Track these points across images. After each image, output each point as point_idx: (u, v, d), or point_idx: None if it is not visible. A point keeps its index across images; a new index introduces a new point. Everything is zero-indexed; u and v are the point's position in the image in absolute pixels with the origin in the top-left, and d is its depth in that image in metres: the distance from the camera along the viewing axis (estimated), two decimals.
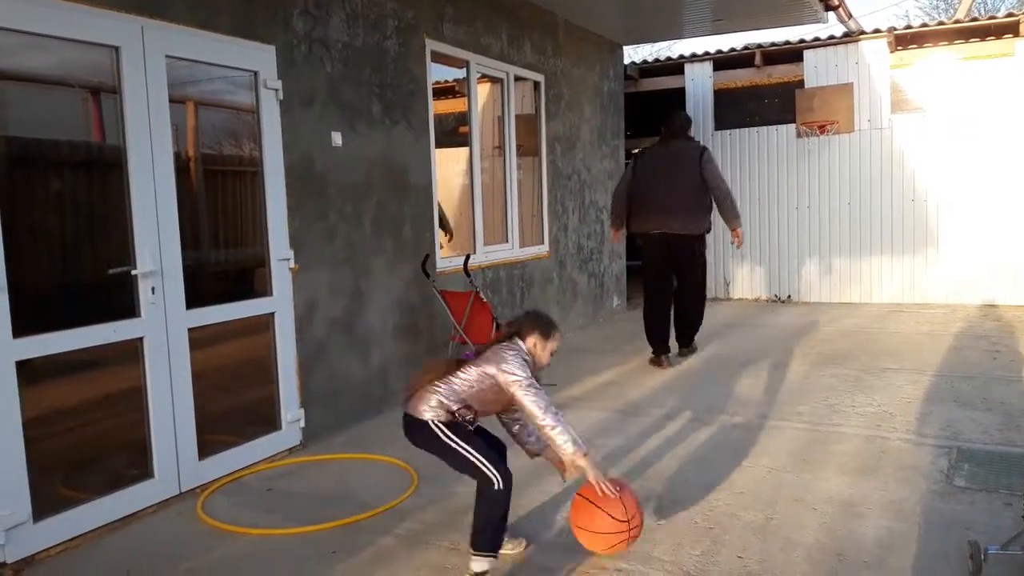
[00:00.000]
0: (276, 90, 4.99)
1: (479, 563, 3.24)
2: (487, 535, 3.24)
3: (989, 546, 3.19)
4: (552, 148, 8.85)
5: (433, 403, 3.23)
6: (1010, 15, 9.76)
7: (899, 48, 10.31)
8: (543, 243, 8.74)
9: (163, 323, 4.26)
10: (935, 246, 10.28)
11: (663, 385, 6.59)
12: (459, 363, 3.37)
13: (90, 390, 4.24)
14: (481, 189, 7.55)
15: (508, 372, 3.20)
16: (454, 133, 9.54)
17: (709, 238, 7.55)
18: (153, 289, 4.20)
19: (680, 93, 11.64)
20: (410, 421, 3.30)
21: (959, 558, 3.34)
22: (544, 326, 3.42)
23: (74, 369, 4.02)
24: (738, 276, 11.57)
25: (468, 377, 3.27)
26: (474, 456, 3.21)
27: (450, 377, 3.29)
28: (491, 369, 3.24)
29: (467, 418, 3.29)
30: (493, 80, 7.96)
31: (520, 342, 3.37)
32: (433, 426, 3.22)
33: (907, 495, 4.06)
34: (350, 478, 4.68)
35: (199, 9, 4.51)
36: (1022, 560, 3.15)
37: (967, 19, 10.26)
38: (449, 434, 3.22)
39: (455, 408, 3.25)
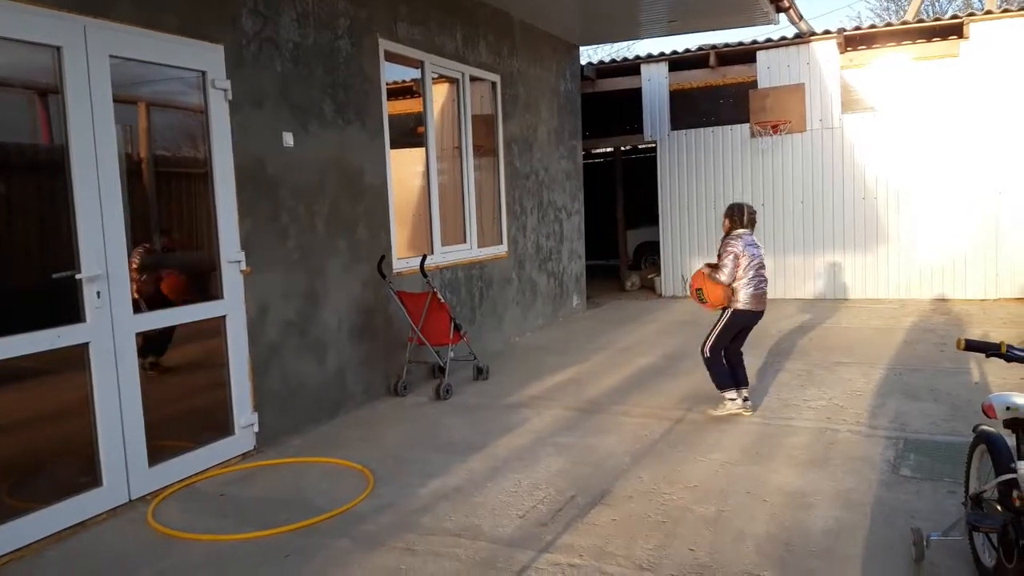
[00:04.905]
0: (225, 90, 4.93)
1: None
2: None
3: (931, 533, 3.27)
4: (509, 148, 8.87)
5: None
6: (954, 17, 10.03)
7: (849, 49, 10.53)
8: (502, 243, 8.75)
9: (109, 328, 4.18)
10: (886, 242, 10.51)
11: (621, 384, 6.63)
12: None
13: (35, 397, 4.15)
14: (438, 189, 7.54)
15: None
16: (414, 133, 9.49)
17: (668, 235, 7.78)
18: (99, 293, 4.12)
19: (637, 93, 11.74)
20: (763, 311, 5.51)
21: (903, 545, 3.42)
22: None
23: (18, 376, 3.92)
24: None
25: None
26: None
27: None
28: None
29: None
30: (450, 80, 7.95)
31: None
32: None
33: (855, 485, 4.15)
34: (305, 482, 4.63)
35: (144, 8, 4.43)
36: (962, 545, 3.23)
37: (914, 20, 10.51)
38: None
39: None
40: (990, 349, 2.77)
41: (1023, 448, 2.90)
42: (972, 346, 2.77)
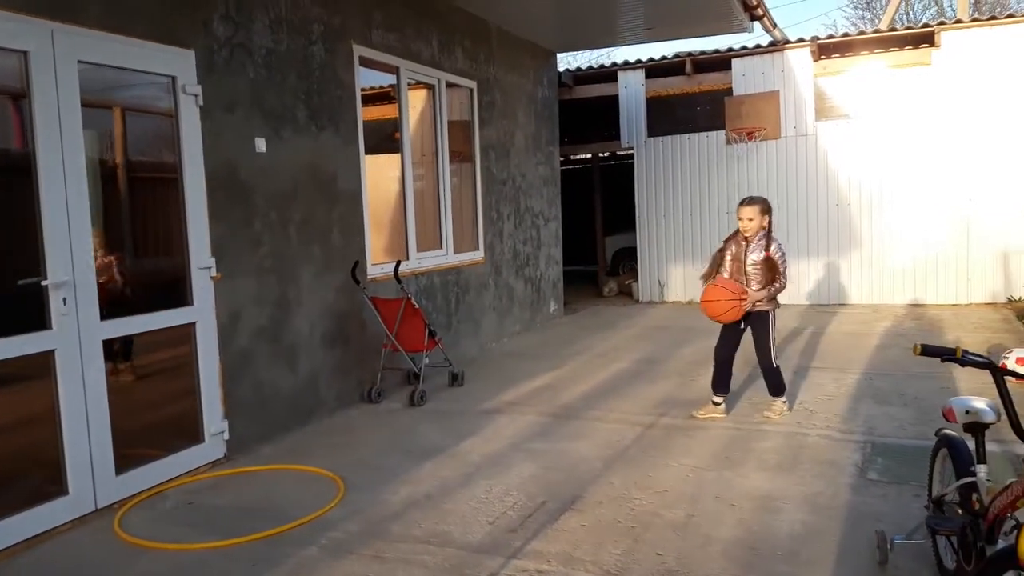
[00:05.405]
0: (196, 95, 4.90)
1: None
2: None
3: (895, 536, 3.31)
4: (486, 154, 8.88)
5: None
6: (926, 26, 10.18)
7: (823, 57, 10.64)
8: (478, 249, 8.75)
9: (76, 335, 4.14)
10: (859, 248, 10.62)
11: (597, 389, 6.65)
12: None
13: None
14: (414, 195, 7.53)
15: None
16: (390, 139, 9.49)
17: (645, 241, 9.20)
18: (65, 300, 4.08)
19: (614, 100, 11.80)
20: None
21: (869, 548, 3.45)
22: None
23: None
24: (672, 279, 11.77)
25: None
26: None
27: None
28: None
29: None
30: (427, 86, 7.95)
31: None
32: None
33: (823, 489, 4.18)
34: (275, 490, 4.60)
35: (114, 13, 4.40)
36: (925, 548, 3.27)
37: (887, 29, 10.64)
38: None
39: None
40: (945, 354, 2.80)
41: (982, 452, 2.94)
42: (928, 351, 2.80)
